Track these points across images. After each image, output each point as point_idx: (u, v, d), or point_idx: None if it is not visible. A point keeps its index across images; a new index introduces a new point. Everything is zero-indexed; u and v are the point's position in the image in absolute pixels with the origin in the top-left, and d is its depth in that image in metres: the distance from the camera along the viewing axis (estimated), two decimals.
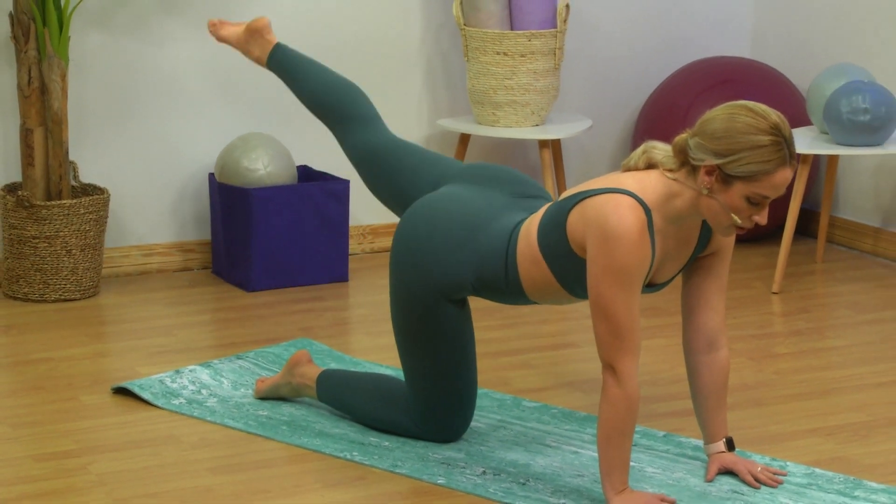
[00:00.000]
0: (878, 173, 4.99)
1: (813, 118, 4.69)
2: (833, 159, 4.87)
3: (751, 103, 2.91)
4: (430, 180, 3.34)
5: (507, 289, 3.14)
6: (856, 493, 3.09)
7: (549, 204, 3.12)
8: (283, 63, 3.56)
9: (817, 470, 3.21)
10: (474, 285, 3.17)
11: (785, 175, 2.90)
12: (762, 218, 2.94)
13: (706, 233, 3.08)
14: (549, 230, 3.05)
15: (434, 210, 3.22)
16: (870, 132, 4.47)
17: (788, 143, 2.89)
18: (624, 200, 2.92)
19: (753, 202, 2.92)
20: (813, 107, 4.66)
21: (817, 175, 5.13)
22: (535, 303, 3.18)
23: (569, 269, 3.04)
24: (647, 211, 2.94)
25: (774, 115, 2.90)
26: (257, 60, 3.61)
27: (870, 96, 4.46)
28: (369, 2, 4.87)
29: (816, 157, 5.07)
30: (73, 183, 4.53)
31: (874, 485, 3.13)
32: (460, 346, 3.24)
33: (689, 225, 3.03)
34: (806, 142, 4.58)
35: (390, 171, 3.39)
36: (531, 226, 3.10)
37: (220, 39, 3.67)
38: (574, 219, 3.00)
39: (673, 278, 3.11)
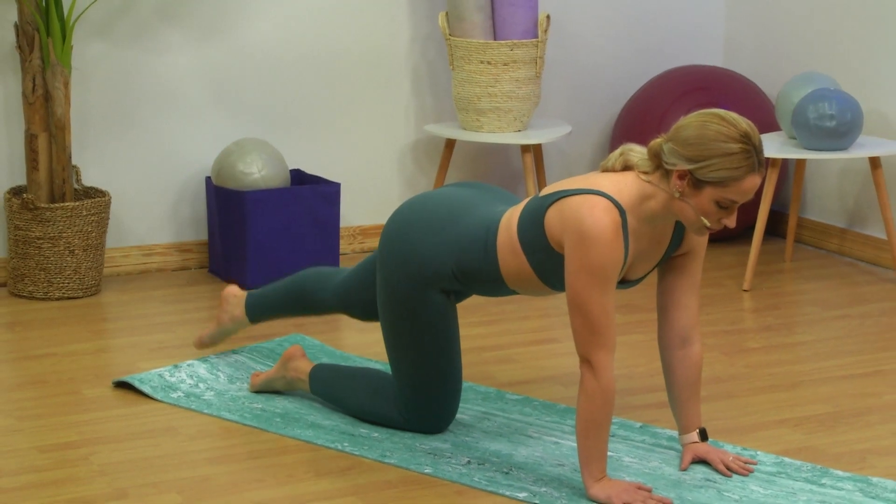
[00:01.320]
0: (843, 176, 5.01)
1: (782, 124, 4.70)
2: (801, 163, 4.89)
3: (722, 112, 2.91)
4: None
5: (487, 277, 3.13)
6: (822, 481, 3.10)
7: (530, 198, 3.12)
8: (259, 305, 3.65)
9: (786, 459, 3.22)
10: (455, 273, 3.16)
11: (753, 181, 2.90)
12: (731, 221, 2.94)
13: (679, 233, 3.08)
14: (528, 225, 3.06)
15: (417, 204, 3.24)
16: (835, 137, 4.48)
17: (757, 150, 2.90)
18: (599, 202, 2.93)
19: (723, 206, 2.92)
20: (782, 113, 4.67)
21: (786, 178, 5.15)
22: (515, 292, 3.18)
23: (546, 262, 3.05)
24: (622, 212, 2.94)
25: (745, 124, 2.90)
26: (241, 319, 3.69)
27: (835, 103, 4.47)
28: (360, 14, 4.87)
29: (785, 161, 5.08)
30: (75, 186, 4.52)
31: (840, 473, 3.14)
32: (444, 337, 3.24)
33: (662, 225, 3.04)
34: (775, 146, 4.59)
35: (368, 299, 3.42)
36: (512, 217, 3.11)
37: (207, 343, 3.77)
38: (552, 216, 3.00)
39: (646, 275, 3.11)
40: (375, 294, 3.38)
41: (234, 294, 3.71)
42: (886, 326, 4.20)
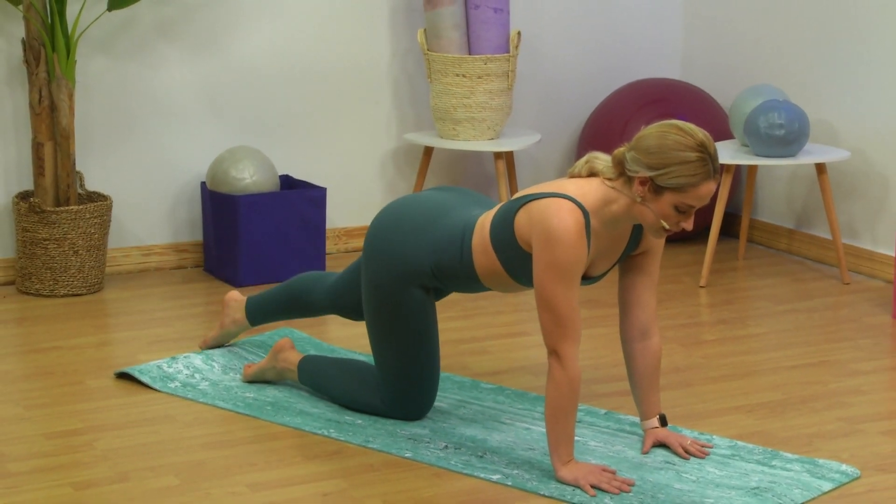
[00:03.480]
0: (792, 181, 5.02)
1: (735, 132, 4.71)
2: (752, 169, 4.90)
3: (681, 123, 2.92)
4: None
5: (463, 274, 3.14)
6: (773, 463, 3.11)
7: (502, 203, 3.13)
8: (259, 309, 3.65)
9: (739, 442, 3.23)
10: (434, 271, 3.17)
11: (709, 187, 2.91)
12: (688, 224, 2.95)
13: (637, 234, 3.09)
14: (499, 227, 3.06)
15: (398, 207, 3.24)
16: (784, 145, 4.50)
17: (713, 159, 2.90)
18: (565, 205, 2.94)
19: (681, 210, 2.93)
20: (735, 122, 4.69)
21: (739, 182, 5.16)
22: (489, 289, 3.19)
23: (515, 260, 3.05)
24: (585, 214, 2.95)
25: (701, 134, 2.91)
26: (242, 322, 3.70)
27: (784, 113, 4.48)
28: (344, 31, 4.87)
29: (738, 167, 5.09)
30: (79, 191, 4.51)
31: (789, 455, 3.16)
32: (424, 331, 3.24)
33: (622, 227, 3.05)
34: (729, 153, 4.61)
35: (357, 300, 3.42)
36: (485, 220, 3.12)
37: (212, 345, 3.77)
38: (521, 218, 3.01)
39: (606, 272, 3.12)
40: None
41: (235, 299, 3.72)
42: (831, 320, 4.21)
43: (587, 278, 3.09)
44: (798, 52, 4.89)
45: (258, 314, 3.66)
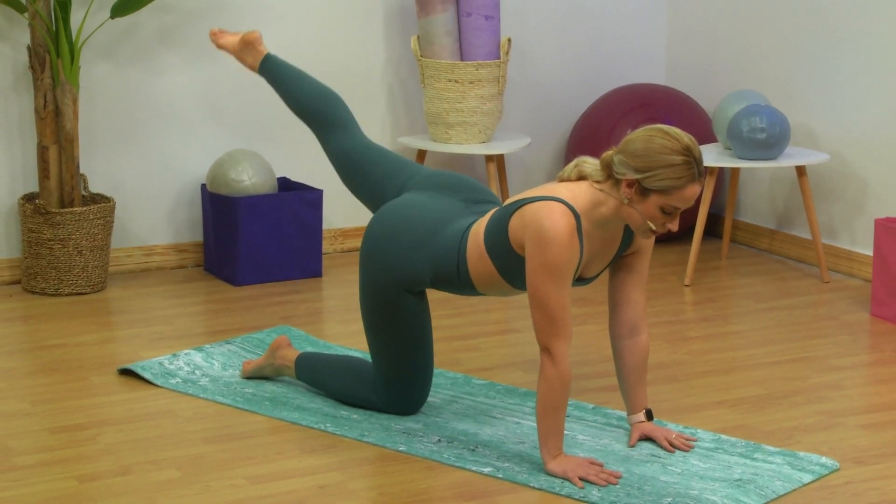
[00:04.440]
0: (773, 183, 5.03)
1: (718, 136, 4.72)
2: (735, 171, 4.90)
3: (666, 127, 2.92)
4: (397, 183, 3.33)
5: (459, 282, 3.14)
6: (755, 456, 3.11)
7: (495, 209, 3.13)
8: (273, 71, 3.52)
9: (723, 436, 3.23)
10: (432, 279, 3.17)
11: (694, 190, 2.91)
12: (674, 225, 2.95)
13: (628, 235, 3.09)
14: (493, 232, 3.06)
15: (397, 215, 3.22)
16: (766, 148, 4.50)
17: (698, 162, 2.90)
18: (557, 207, 2.93)
19: (666, 212, 2.93)
20: (718, 126, 4.69)
21: (722, 184, 5.16)
22: (484, 294, 3.19)
23: (510, 264, 3.05)
24: (577, 216, 2.95)
25: (686, 138, 2.91)
26: (251, 67, 3.56)
27: (766, 118, 4.49)
28: (340, 38, 4.87)
29: (721, 170, 5.10)
30: (83, 193, 4.50)
31: (770, 448, 3.16)
32: (419, 331, 3.24)
33: (613, 228, 3.04)
34: (712, 156, 4.61)
35: (364, 173, 3.38)
36: (479, 228, 3.11)
37: (220, 47, 3.62)
38: (515, 222, 3.00)
39: (600, 273, 3.12)
40: (365, 184, 3.33)
41: (256, 46, 3.50)
42: (811, 317, 4.22)
43: (582, 280, 3.09)
44: (779, 59, 4.89)
45: (269, 73, 3.42)
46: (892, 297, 4.12)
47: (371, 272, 3.21)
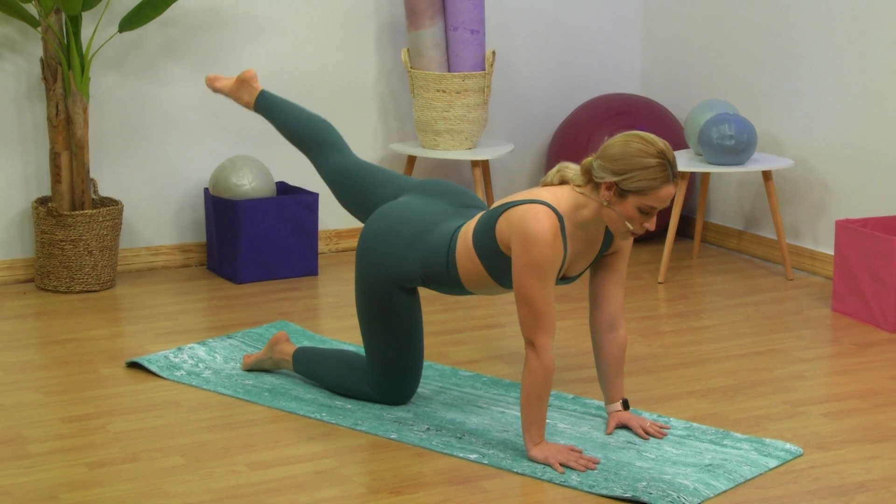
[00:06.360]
0: (741, 187, 5.03)
1: (689, 142, 4.72)
2: (706, 175, 4.91)
3: (642, 133, 2.92)
4: (389, 194, 3.33)
5: (448, 280, 3.13)
6: (725, 442, 3.11)
7: (483, 212, 3.12)
8: (268, 106, 3.54)
9: (694, 424, 3.23)
10: (422, 277, 3.16)
11: (669, 190, 2.91)
12: (651, 225, 2.95)
13: (609, 236, 3.09)
14: (481, 233, 3.05)
15: (391, 216, 3.22)
16: (734, 154, 4.50)
17: (672, 165, 2.90)
18: (541, 209, 2.93)
19: (643, 212, 2.93)
20: (689, 133, 4.69)
21: (693, 188, 5.17)
22: (471, 293, 3.18)
23: (497, 263, 3.04)
24: (560, 218, 2.94)
25: (661, 143, 2.91)
26: (246, 105, 3.57)
27: (734, 125, 4.49)
28: (335, 50, 4.86)
29: (693, 174, 5.10)
30: (93, 196, 4.49)
31: (739, 435, 3.16)
32: (410, 326, 3.23)
33: (594, 230, 3.04)
34: (684, 161, 4.61)
35: (357, 188, 3.37)
36: (468, 230, 3.11)
37: (216, 90, 3.62)
38: (502, 224, 3.00)
39: (583, 272, 3.12)
40: (367, 201, 3.32)
41: (252, 84, 3.52)
42: (777, 312, 4.22)
43: (566, 278, 3.09)
44: (747, 71, 4.90)
45: (265, 111, 3.44)
46: (852, 293, 4.13)
47: (365, 269, 3.20)
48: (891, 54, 4.35)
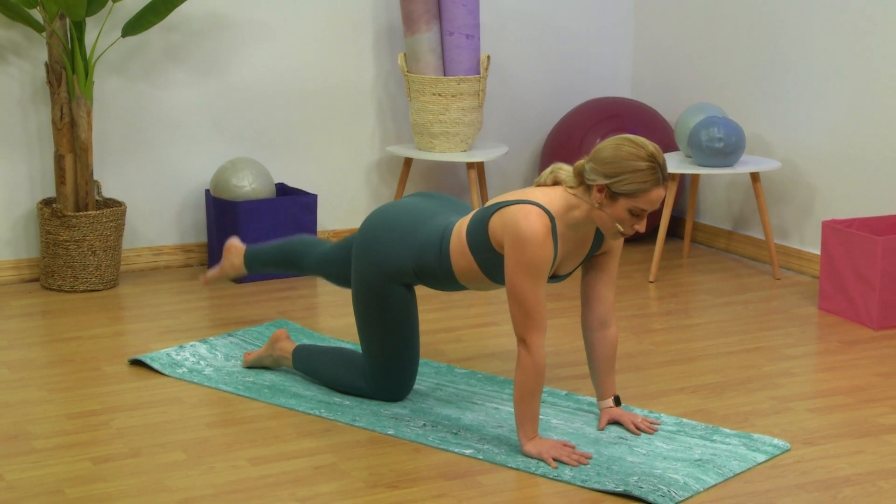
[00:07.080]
0: (730, 188, 5.04)
1: (679, 145, 4.72)
2: (695, 177, 4.91)
3: (633, 136, 2.92)
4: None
5: (441, 274, 3.13)
6: (714, 437, 3.12)
7: (477, 209, 3.13)
8: (256, 257, 3.72)
9: (684, 420, 3.23)
10: (415, 271, 3.16)
11: (659, 193, 2.91)
12: (641, 227, 2.95)
13: (599, 237, 3.09)
14: (475, 230, 3.06)
15: (386, 214, 3.23)
16: (723, 156, 4.51)
17: (662, 168, 2.91)
18: (533, 210, 2.93)
19: (634, 214, 2.93)
20: (679, 136, 4.69)
21: (683, 189, 5.17)
22: (465, 287, 3.18)
23: (490, 260, 3.05)
24: (552, 218, 2.95)
25: (651, 146, 2.91)
26: (238, 268, 3.78)
27: (723, 128, 4.49)
28: (333, 54, 4.86)
29: (683, 176, 5.11)
30: (97, 197, 4.48)
31: (727, 430, 3.16)
32: (406, 323, 3.23)
33: (585, 230, 3.05)
34: (674, 163, 4.61)
35: (345, 264, 3.41)
36: (462, 225, 3.11)
37: (208, 281, 3.88)
38: (495, 222, 3.00)
39: (573, 271, 3.12)
40: (348, 268, 3.37)
41: (236, 246, 3.79)
42: (764, 311, 4.23)
43: (556, 277, 3.09)
44: (736, 75, 4.90)
45: (254, 263, 3.74)
46: (838, 292, 4.13)
47: (361, 265, 3.21)
48: (876, 59, 4.35)
